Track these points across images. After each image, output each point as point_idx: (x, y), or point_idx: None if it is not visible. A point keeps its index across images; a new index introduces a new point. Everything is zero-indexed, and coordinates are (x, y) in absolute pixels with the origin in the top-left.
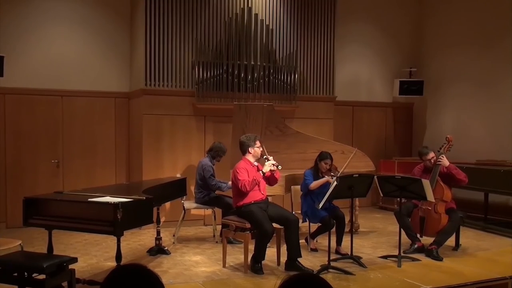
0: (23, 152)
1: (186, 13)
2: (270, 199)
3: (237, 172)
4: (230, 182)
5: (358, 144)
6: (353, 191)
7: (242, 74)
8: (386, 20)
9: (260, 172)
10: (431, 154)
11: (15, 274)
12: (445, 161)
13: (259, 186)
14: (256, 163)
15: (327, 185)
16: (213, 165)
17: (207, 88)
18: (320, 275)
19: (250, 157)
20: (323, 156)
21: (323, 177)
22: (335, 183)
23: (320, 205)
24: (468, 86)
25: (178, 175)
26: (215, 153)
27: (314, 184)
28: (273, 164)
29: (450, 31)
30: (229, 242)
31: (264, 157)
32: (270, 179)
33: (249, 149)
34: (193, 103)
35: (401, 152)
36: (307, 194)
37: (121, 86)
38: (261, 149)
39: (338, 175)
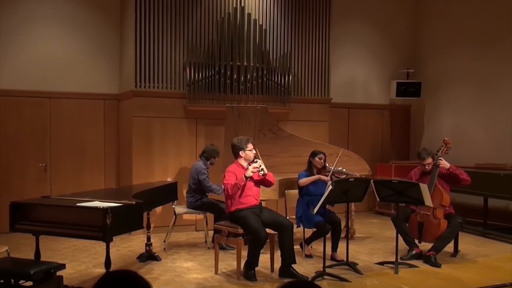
0: (10, 155)
1: (177, 13)
2: (263, 203)
3: (224, 176)
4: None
5: (354, 147)
6: (349, 196)
7: (235, 76)
8: (383, 20)
9: (243, 176)
10: (429, 160)
11: (1, 281)
12: (445, 163)
13: (251, 190)
14: (248, 166)
15: (320, 187)
16: (207, 167)
17: (199, 90)
18: (315, 282)
19: (242, 161)
20: (315, 152)
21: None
22: (331, 187)
23: (315, 210)
24: (467, 88)
25: (169, 179)
26: (208, 154)
27: (304, 181)
28: (256, 168)
29: (449, 32)
30: (222, 248)
31: (255, 160)
32: (265, 182)
33: (241, 152)
34: (184, 105)
35: (398, 155)
36: (302, 195)
37: (110, 87)
38: (253, 152)
39: (333, 168)
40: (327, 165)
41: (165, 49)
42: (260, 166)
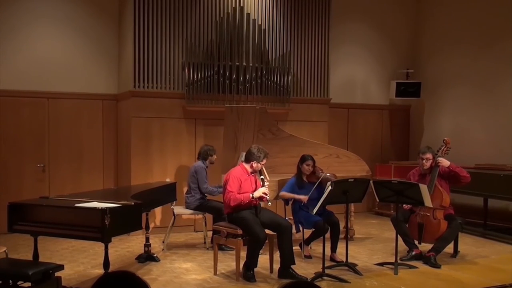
0: (8, 156)
1: (176, 13)
2: (262, 204)
3: (229, 180)
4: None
5: (353, 147)
6: (348, 196)
7: (234, 76)
8: (382, 20)
9: (250, 195)
10: (429, 155)
11: (0, 282)
12: (445, 162)
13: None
14: (252, 174)
15: (308, 192)
16: (207, 167)
17: (198, 90)
18: (315, 283)
19: (248, 167)
20: (304, 158)
21: (307, 181)
22: (330, 188)
23: (314, 211)
24: (466, 88)
25: (168, 180)
26: (204, 154)
27: (283, 195)
28: (265, 193)
29: (449, 31)
30: (220, 249)
31: (261, 177)
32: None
33: (254, 162)
34: (183, 105)
35: (398, 156)
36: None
37: (109, 87)
38: (263, 167)
39: (323, 176)
40: (315, 175)
41: (164, 49)
42: (268, 194)
